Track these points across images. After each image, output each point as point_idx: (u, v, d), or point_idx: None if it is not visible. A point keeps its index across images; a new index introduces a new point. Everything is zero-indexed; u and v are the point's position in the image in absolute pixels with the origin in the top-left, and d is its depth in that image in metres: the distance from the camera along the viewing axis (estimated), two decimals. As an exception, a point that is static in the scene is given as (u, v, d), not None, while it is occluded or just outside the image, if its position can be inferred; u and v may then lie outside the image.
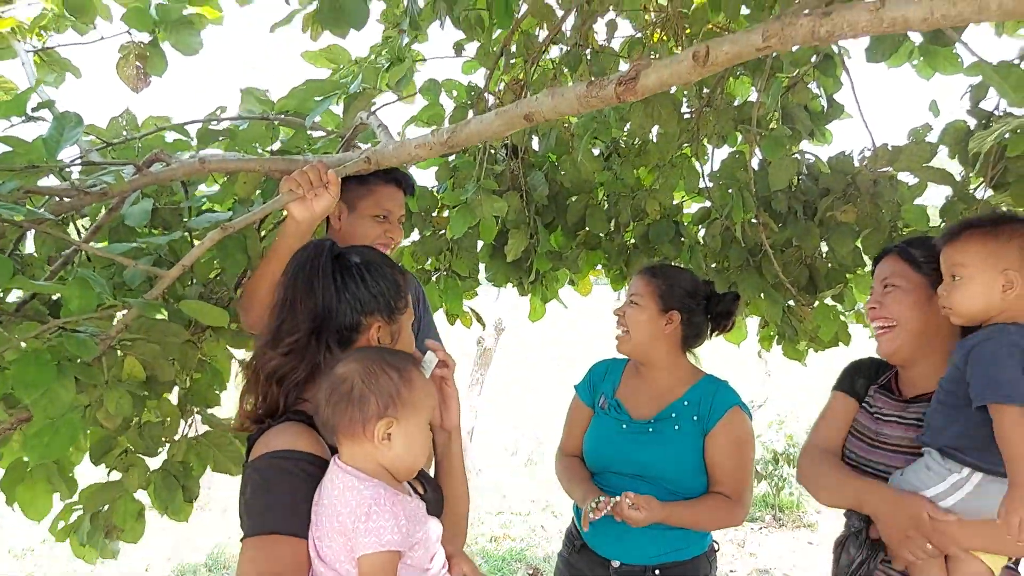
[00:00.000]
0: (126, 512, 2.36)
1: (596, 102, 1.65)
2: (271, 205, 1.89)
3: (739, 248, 3.16)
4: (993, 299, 1.62)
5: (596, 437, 2.39)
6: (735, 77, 3.45)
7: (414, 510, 1.28)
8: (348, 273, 1.46)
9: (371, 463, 1.28)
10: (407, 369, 1.32)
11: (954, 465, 1.62)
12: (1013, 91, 1.66)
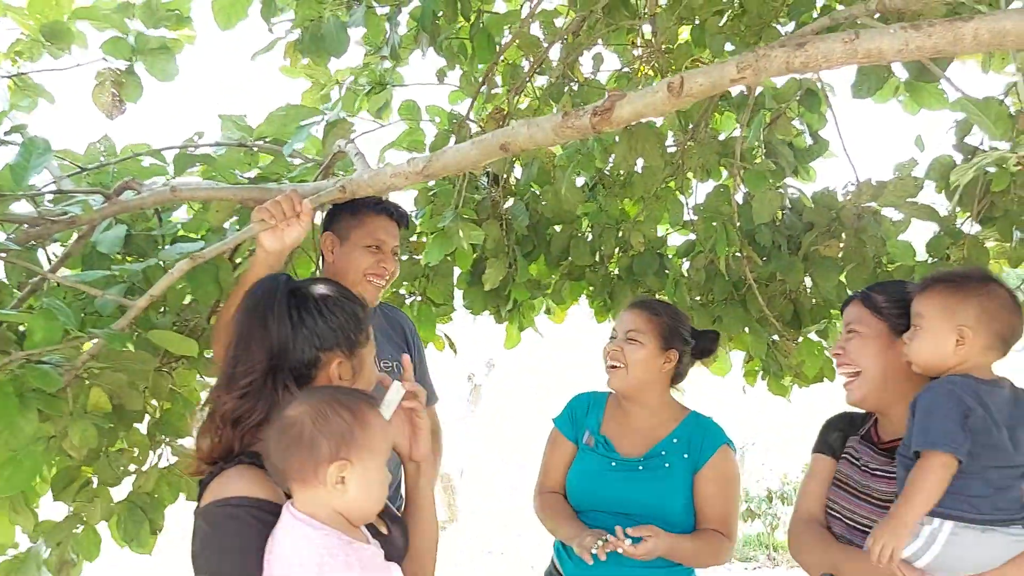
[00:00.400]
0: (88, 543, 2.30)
1: (572, 132, 1.64)
2: (242, 235, 1.86)
3: (723, 282, 3.13)
4: (946, 352, 1.65)
5: (583, 475, 2.31)
6: (720, 113, 3.45)
7: (370, 558, 1.23)
8: (305, 308, 1.41)
9: (325, 509, 1.22)
10: (360, 409, 1.27)
11: (926, 518, 1.59)
12: (994, 125, 1.65)
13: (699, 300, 3.29)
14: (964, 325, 1.63)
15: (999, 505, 1.57)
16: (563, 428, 2.42)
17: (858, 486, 1.85)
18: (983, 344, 1.63)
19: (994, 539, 1.57)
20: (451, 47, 2.82)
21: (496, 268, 3.09)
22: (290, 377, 1.37)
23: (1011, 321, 1.64)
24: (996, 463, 1.57)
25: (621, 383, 2.30)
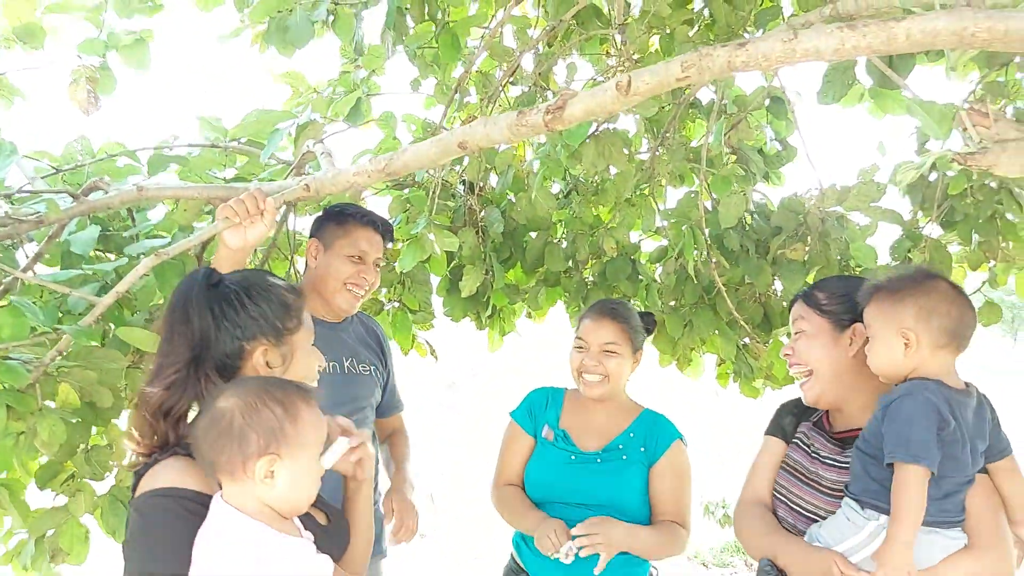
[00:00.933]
0: (73, 536, 2.32)
1: (526, 130, 1.68)
2: (205, 232, 1.89)
3: (694, 286, 3.18)
4: (897, 357, 1.66)
5: (543, 468, 2.36)
6: (691, 120, 3.51)
7: (297, 549, 1.24)
8: (226, 300, 1.43)
9: (253, 501, 1.23)
10: (293, 403, 1.27)
11: (872, 514, 1.63)
12: (937, 125, 1.69)
13: (671, 304, 3.33)
14: (906, 328, 1.64)
15: (945, 508, 1.61)
16: (521, 422, 2.47)
17: (807, 472, 1.88)
18: (931, 343, 1.63)
19: (933, 539, 1.61)
20: (424, 57, 2.86)
21: (473, 275, 3.12)
22: (212, 368, 1.38)
23: (954, 313, 1.63)
24: (953, 474, 1.60)
25: (602, 392, 2.35)
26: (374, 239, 2.46)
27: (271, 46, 2.23)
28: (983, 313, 2.96)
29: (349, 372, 2.48)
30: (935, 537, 1.60)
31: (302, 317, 1.49)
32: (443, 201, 3.10)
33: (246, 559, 1.17)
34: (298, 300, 1.50)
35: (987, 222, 2.79)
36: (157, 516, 1.26)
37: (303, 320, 1.50)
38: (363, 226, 2.43)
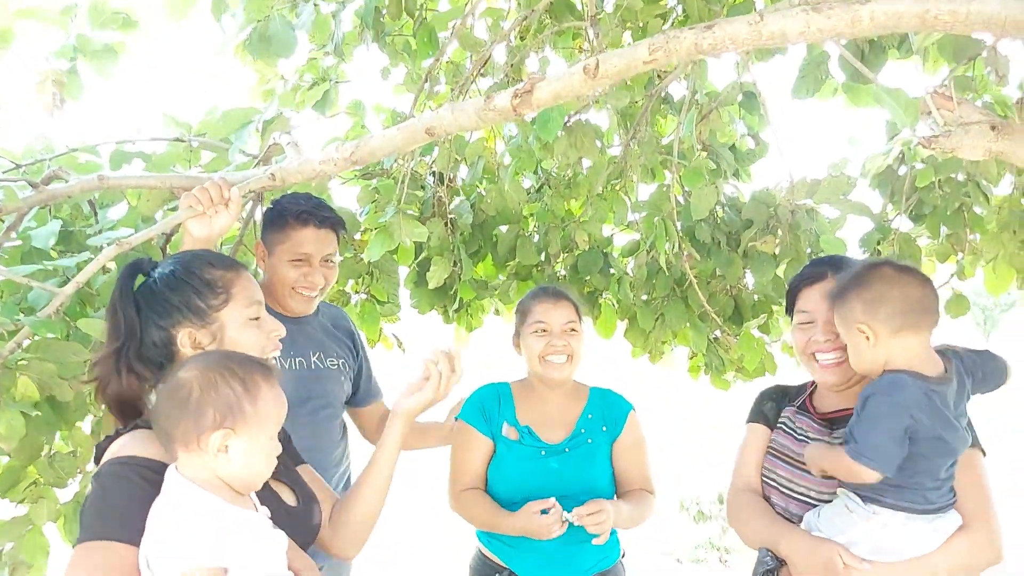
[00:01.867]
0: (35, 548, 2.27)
1: (494, 115, 1.66)
2: (169, 221, 1.85)
3: (665, 279, 3.18)
4: (866, 354, 1.65)
5: (513, 468, 2.30)
6: (663, 116, 3.52)
7: (247, 522, 1.23)
8: (148, 289, 1.44)
9: (206, 474, 1.23)
10: (253, 380, 1.26)
11: (876, 508, 1.62)
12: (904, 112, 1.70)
13: (643, 298, 3.33)
14: (859, 323, 1.63)
15: (943, 493, 1.62)
16: (474, 423, 2.36)
17: (795, 456, 1.86)
18: (889, 331, 1.61)
19: (937, 526, 1.62)
20: (394, 45, 2.84)
21: (441, 266, 3.10)
22: (137, 359, 1.40)
23: (896, 295, 1.62)
24: (944, 460, 1.61)
25: (567, 373, 2.33)
26: (317, 236, 2.31)
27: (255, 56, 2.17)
28: (951, 306, 2.99)
29: (316, 367, 2.42)
30: (938, 523, 1.62)
31: (232, 291, 1.45)
32: (412, 191, 3.07)
33: (196, 529, 1.15)
34: (226, 274, 1.47)
35: (955, 215, 2.82)
36: (111, 482, 1.26)
37: (233, 294, 1.45)
38: (303, 226, 2.29)
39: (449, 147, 3.07)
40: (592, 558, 2.25)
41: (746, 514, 1.91)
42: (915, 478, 1.59)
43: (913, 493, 1.60)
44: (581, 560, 2.22)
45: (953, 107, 1.44)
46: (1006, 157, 1.41)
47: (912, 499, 1.60)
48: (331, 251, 2.38)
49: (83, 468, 2.35)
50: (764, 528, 1.83)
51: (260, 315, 1.50)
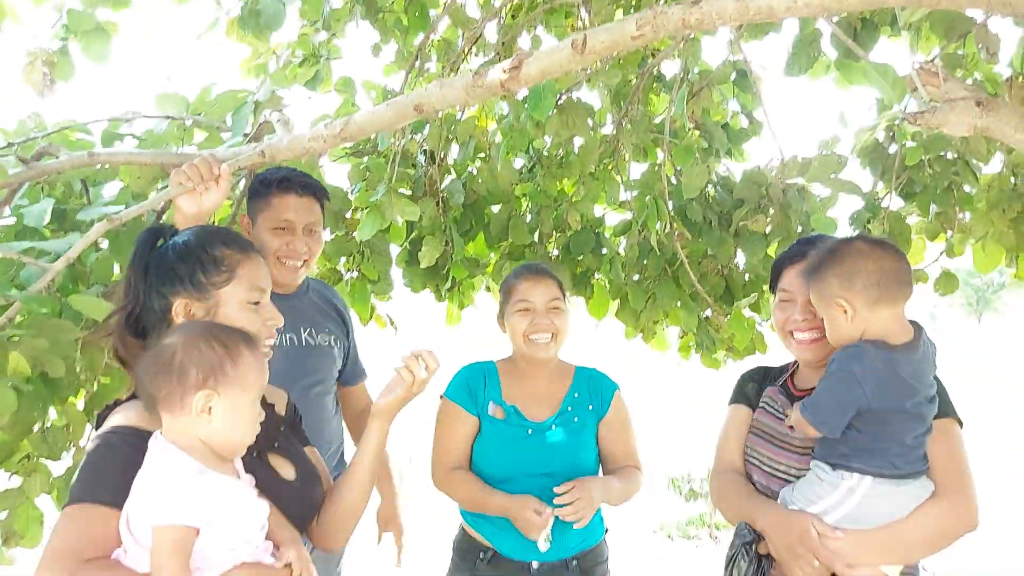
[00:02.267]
0: (27, 518, 2.27)
1: (482, 92, 1.66)
2: (159, 197, 1.85)
3: (657, 258, 3.18)
4: (843, 327, 1.68)
5: (499, 447, 2.31)
6: (656, 95, 3.51)
7: (226, 487, 1.25)
8: (159, 256, 1.47)
9: (189, 437, 1.26)
10: (235, 344, 1.30)
11: (844, 473, 1.65)
12: (892, 88, 1.71)
13: (634, 278, 3.34)
14: (835, 297, 1.66)
15: (911, 459, 1.65)
16: (462, 402, 2.34)
17: (777, 434, 1.89)
18: (864, 303, 1.64)
19: (906, 490, 1.64)
20: (385, 21, 2.83)
21: (432, 245, 3.10)
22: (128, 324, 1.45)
23: (871, 267, 1.64)
24: (911, 426, 1.63)
25: (552, 352, 2.32)
26: (298, 204, 2.31)
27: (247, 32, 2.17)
28: (940, 283, 3.01)
29: (307, 344, 2.43)
30: (907, 488, 1.64)
31: (236, 272, 1.47)
32: (403, 170, 3.07)
33: (173, 490, 1.18)
34: (236, 255, 1.48)
35: (944, 193, 2.83)
36: (100, 450, 1.30)
37: (238, 275, 1.47)
38: (284, 193, 2.29)
39: (440, 125, 3.07)
40: (576, 537, 2.25)
41: (726, 492, 1.95)
42: (880, 443, 1.63)
43: (879, 458, 1.62)
44: (565, 540, 2.21)
45: (939, 83, 1.44)
46: (991, 133, 1.42)
47: (878, 464, 1.62)
48: (314, 219, 2.37)
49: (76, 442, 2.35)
50: (742, 504, 1.86)
51: (260, 301, 1.51)
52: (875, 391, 1.59)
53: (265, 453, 1.49)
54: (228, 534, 1.25)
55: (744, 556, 1.76)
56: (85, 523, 1.23)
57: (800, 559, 1.64)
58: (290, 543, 1.38)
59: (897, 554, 1.66)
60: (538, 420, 2.32)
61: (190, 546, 1.19)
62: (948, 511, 1.65)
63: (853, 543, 1.63)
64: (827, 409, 1.63)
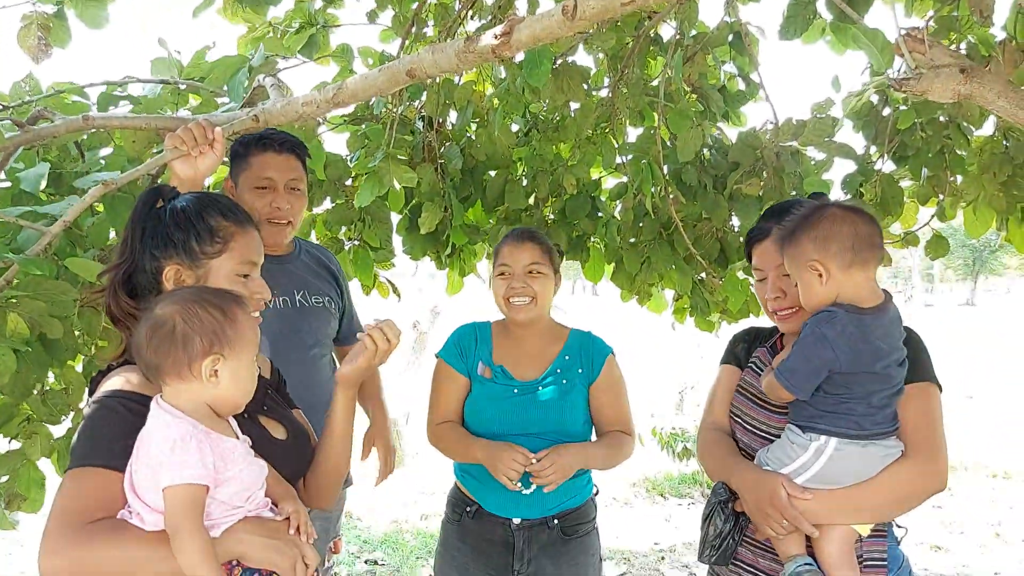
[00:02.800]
0: (29, 481, 2.32)
1: (474, 58, 1.67)
2: (154, 162, 1.86)
3: (652, 222, 3.21)
4: (817, 291, 1.70)
5: (486, 406, 2.36)
6: (652, 58, 3.50)
7: (228, 449, 1.30)
8: (156, 218, 1.48)
9: (192, 402, 1.30)
10: (229, 306, 1.34)
11: (813, 435, 1.70)
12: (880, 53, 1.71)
13: (630, 241, 3.37)
14: (811, 260, 1.68)
15: (878, 420, 1.69)
16: (452, 362, 2.42)
17: (761, 394, 1.93)
18: (838, 266, 1.67)
19: (872, 451, 1.68)
20: (381, -14, 2.82)
21: (432, 212, 3.12)
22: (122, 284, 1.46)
23: (846, 231, 1.67)
24: (877, 387, 1.67)
25: (532, 315, 2.35)
26: (277, 161, 2.33)
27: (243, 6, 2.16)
28: (931, 246, 3.04)
29: (301, 305, 2.47)
30: (873, 448, 1.68)
31: (229, 244, 1.49)
32: (401, 136, 3.08)
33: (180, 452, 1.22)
34: (232, 227, 1.50)
35: (936, 156, 2.85)
36: (99, 414, 1.33)
37: (231, 247, 1.50)
38: (263, 151, 2.31)
39: (438, 91, 3.07)
40: (559, 496, 2.29)
41: (709, 450, 2.00)
42: (846, 404, 1.67)
43: (845, 419, 1.67)
44: (547, 498, 2.26)
45: (924, 50, 1.45)
46: (974, 100, 1.44)
47: (845, 425, 1.67)
48: (295, 176, 2.37)
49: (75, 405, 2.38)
50: (721, 463, 1.92)
51: (250, 274, 1.54)
52: (846, 354, 1.63)
53: (256, 415, 1.54)
54: (233, 493, 1.30)
55: (720, 513, 1.83)
56: (89, 485, 1.26)
57: (769, 518, 1.70)
58: (287, 498, 1.44)
59: (865, 513, 1.70)
60: (526, 380, 2.37)
61: (203, 504, 1.24)
62: (916, 472, 1.69)
63: (821, 503, 1.69)
64: (799, 372, 1.67)
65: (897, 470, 1.69)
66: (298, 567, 1.36)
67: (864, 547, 1.75)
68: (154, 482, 1.22)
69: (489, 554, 2.33)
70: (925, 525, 5.85)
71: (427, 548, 5.41)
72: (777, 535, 1.72)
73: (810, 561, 1.70)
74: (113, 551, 1.22)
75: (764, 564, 1.84)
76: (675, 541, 5.58)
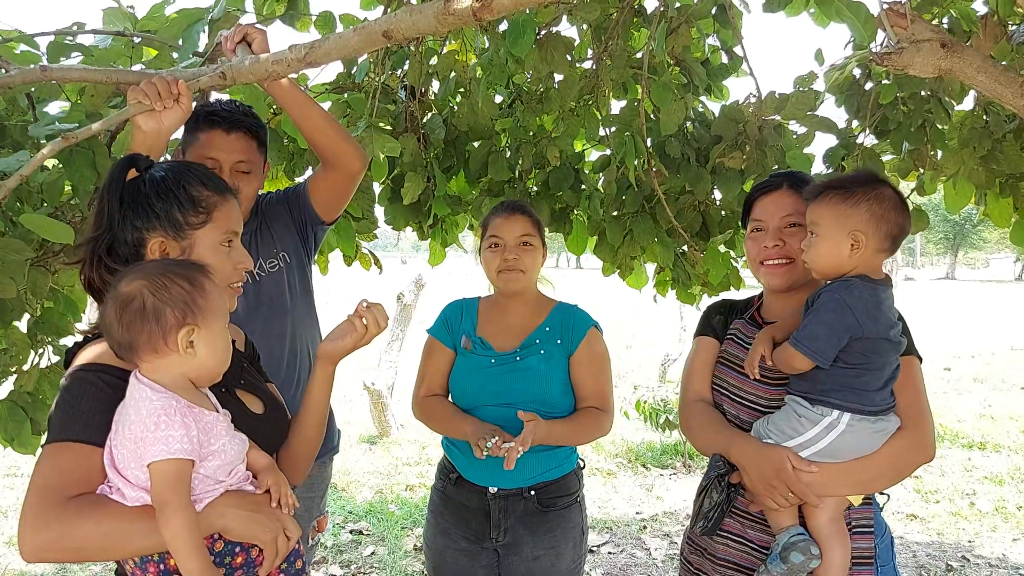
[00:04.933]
0: (-29, 444, 2.27)
1: (453, 20, 1.64)
2: (117, 116, 1.79)
3: (634, 194, 3.21)
4: (842, 257, 1.71)
5: (465, 376, 2.40)
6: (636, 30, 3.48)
7: (210, 423, 1.30)
8: (136, 188, 1.45)
9: (170, 375, 1.29)
10: (195, 276, 1.33)
11: (824, 409, 1.70)
12: (863, 27, 1.72)
13: (613, 214, 3.37)
14: (857, 230, 1.68)
15: (884, 395, 1.71)
16: (439, 336, 2.49)
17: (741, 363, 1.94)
18: (875, 247, 1.69)
19: (880, 427, 1.71)
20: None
21: (414, 182, 3.10)
22: (106, 252, 1.43)
23: (899, 221, 1.70)
24: (893, 357, 1.70)
25: (521, 286, 2.38)
26: (224, 142, 2.17)
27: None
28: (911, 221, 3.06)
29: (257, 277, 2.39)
30: (880, 424, 1.71)
31: (213, 214, 1.48)
32: (384, 105, 3.05)
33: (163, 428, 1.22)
34: (214, 196, 1.49)
35: (917, 131, 2.86)
36: (76, 387, 1.31)
37: (214, 217, 1.48)
38: (209, 128, 2.16)
39: (421, 60, 3.04)
40: (539, 467, 2.33)
41: (697, 423, 1.98)
42: (863, 378, 1.67)
43: (860, 395, 1.68)
44: (526, 468, 2.29)
45: (906, 24, 1.46)
46: (954, 75, 1.45)
47: (860, 400, 1.68)
48: (243, 159, 2.22)
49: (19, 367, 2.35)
50: (716, 436, 1.90)
51: (233, 243, 1.53)
52: (865, 317, 1.64)
53: (233, 389, 1.54)
54: (216, 467, 1.31)
55: (717, 487, 1.83)
56: (68, 460, 1.26)
57: (774, 491, 1.71)
58: (267, 470, 1.45)
59: (864, 485, 1.74)
60: (503, 351, 2.39)
61: (189, 478, 1.24)
62: (911, 444, 1.73)
63: (825, 476, 1.70)
64: (821, 338, 1.65)
65: (895, 443, 1.72)
66: (280, 540, 1.37)
67: (852, 514, 1.79)
68: (137, 458, 1.22)
69: (468, 521, 2.38)
70: (902, 494, 5.96)
71: (412, 518, 5.47)
72: (779, 508, 1.73)
73: (802, 531, 1.73)
74: (95, 526, 1.22)
75: (752, 535, 1.87)
76: (657, 511, 5.67)
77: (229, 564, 1.33)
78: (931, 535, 5.26)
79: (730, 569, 1.89)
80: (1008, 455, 7.29)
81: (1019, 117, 2.62)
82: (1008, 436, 8.01)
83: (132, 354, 1.29)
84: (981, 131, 2.81)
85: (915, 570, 4.64)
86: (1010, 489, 6.26)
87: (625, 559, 4.83)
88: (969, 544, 5.10)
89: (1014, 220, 3.08)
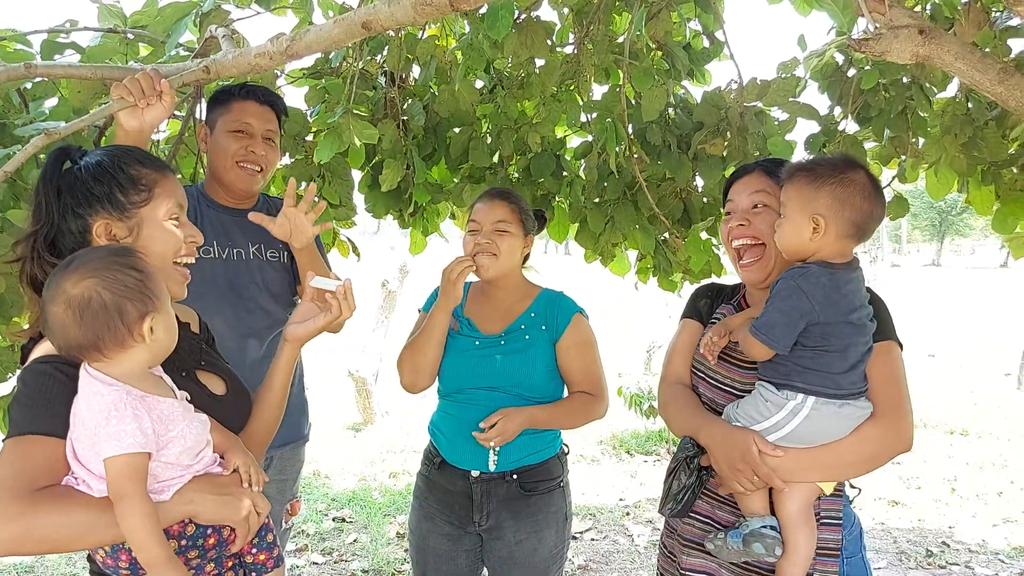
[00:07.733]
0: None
1: (431, 11, 1.62)
2: (100, 112, 1.80)
3: (615, 181, 3.19)
4: (803, 240, 1.69)
5: (452, 358, 2.41)
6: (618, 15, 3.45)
7: (165, 411, 1.28)
8: (72, 176, 1.44)
9: (126, 367, 1.28)
10: (137, 261, 1.30)
11: (789, 393, 1.69)
12: (841, 13, 1.70)
13: (594, 201, 3.34)
14: (817, 214, 1.66)
15: (852, 379, 1.68)
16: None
17: (725, 349, 1.93)
18: (837, 232, 1.66)
19: (846, 412, 1.68)
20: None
21: (393, 169, 3.07)
22: (44, 246, 1.42)
23: (865, 208, 1.66)
24: (854, 339, 1.67)
25: (494, 271, 2.37)
26: (256, 110, 2.39)
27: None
28: (891, 207, 3.05)
29: (255, 258, 2.44)
30: (848, 409, 1.68)
31: (154, 191, 1.46)
32: (362, 91, 3.01)
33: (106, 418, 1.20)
34: (153, 174, 1.47)
35: (898, 117, 2.84)
36: (34, 380, 1.30)
37: (156, 194, 1.46)
38: (243, 99, 2.38)
39: (400, 46, 3.00)
40: (521, 451, 2.33)
41: (673, 405, 1.98)
42: (824, 359, 1.65)
43: (823, 377, 1.65)
44: (508, 452, 2.31)
45: (884, 11, 1.44)
46: (932, 62, 1.43)
47: (822, 383, 1.66)
48: (272, 128, 2.44)
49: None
50: (687, 418, 1.90)
51: (180, 218, 1.51)
52: (822, 303, 1.62)
53: (193, 372, 1.53)
54: (179, 452, 1.29)
55: (685, 469, 1.82)
56: (31, 453, 1.24)
57: (740, 474, 1.70)
58: (234, 450, 1.44)
59: (833, 472, 1.72)
60: (488, 334, 2.40)
61: (145, 471, 1.22)
62: (885, 433, 1.69)
63: (792, 461, 1.69)
64: (777, 325, 1.65)
65: (867, 431, 1.69)
66: (251, 518, 1.38)
67: (821, 505, 1.76)
68: (94, 452, 1.21)
69: (452, 505, 2.39)
70: (884, 481, 6.00)
71: (395, 505, 5.46)
72: (745, 491, 1.73)
73: (773, 524, 1.72)
74: (61, 518, 1.21)
75: (721, 516, 1.86)
76: (640, 497, 5.68)
77: (202, 546, 1.33)
78: (912, 521, 5.30)
79: (694, 549, 1.89)
80: (990, 442, 7.35)
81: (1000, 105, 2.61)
82: (991, 423, 8.07)
83: (95, 354, 1.26)
84: (963, 118, 2.80)
85: (896, 555, 4.67)
86: (991, 475, 6.31)
87: (608, 546, 4.84)
88: (950, 530, 5.14)
89: (996, 207, 3.08)
